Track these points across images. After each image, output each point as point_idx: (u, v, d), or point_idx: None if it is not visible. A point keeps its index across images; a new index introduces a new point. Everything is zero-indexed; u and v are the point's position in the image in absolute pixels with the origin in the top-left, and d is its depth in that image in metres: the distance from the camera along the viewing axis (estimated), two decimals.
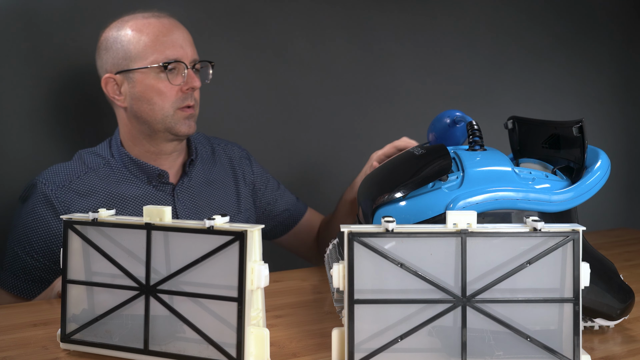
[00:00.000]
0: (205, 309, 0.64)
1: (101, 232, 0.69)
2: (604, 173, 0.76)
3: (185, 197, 1.19)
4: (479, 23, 1.94)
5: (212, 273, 0.64)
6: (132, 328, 0.67)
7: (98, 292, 0.70)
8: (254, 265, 0.63)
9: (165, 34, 1.12)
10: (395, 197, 0.74)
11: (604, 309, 0.74)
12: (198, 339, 0.64)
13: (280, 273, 1.11)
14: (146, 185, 1.15)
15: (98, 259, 0.69)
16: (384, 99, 1.77)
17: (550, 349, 0.61)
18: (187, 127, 1.14)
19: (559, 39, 2.09)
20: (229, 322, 0.63)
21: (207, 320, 0.64)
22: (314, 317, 0.83)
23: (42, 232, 1.09)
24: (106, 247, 0.69)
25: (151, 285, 0.66)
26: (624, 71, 2.24)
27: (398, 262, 0.61)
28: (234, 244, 0.62)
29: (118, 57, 1.12)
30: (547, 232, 0.61)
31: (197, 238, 0.64)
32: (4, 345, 0.73)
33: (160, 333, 0.66)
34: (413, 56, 1.81)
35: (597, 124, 2.18)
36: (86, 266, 0.70)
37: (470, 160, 0.76)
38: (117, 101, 1.15)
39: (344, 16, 1.71)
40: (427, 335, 0.62)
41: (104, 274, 0.69)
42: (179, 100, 1.12)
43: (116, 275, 0.68)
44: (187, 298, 0.65)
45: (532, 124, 0.86)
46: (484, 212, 0.71)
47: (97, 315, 0.69)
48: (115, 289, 0.68)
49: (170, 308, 0.65)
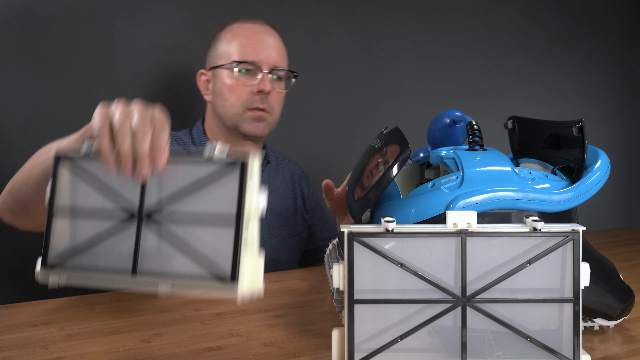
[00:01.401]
0: (202, 229, 0.61)
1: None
2: (604, 173, 0.76)
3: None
4: (479, 23, 1.93)
5: (211, 200, 0.60)
6: (119, 254, 0.63)
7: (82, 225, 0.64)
8: (252, 192, 0.60)
9: (250, 37, 1.21)
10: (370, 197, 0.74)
11: (604, 309, 0.74)
12: (191, 262, 0.60)
13: (280, 273, 1.11)
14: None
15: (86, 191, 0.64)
16: (384, 99, 1.77)
17: (550, 349, 0.61)
18: (254, 128, 1.20)
19: (559, 39, 2.09)
20: (224, 247, 0.59)
21: (201, 242, 0.61)
22: (314, 317, 0.83)
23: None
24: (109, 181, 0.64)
25: (145, 213, 0.62)
26: (624, 71, 2.24)
27: (398, 262, 0.61)
28: (234, 170, 0.59)
29: (212, 55, 1.24)
30: (547, 232, 0.61)
31: (194, 166, 0.61)
32: (4, 345, 0.73)
33: (152, 257, 0.62)
34: (413, 56, 1.81)
35: (597, 124, 2.19)
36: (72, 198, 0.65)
37: (470, 160, 0.76)
38: (204, 95, 1.26)
39: (344, 16, 1.71)
40: (427, 335, 0.62)
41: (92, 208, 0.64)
42: (250, 101, 1.19)
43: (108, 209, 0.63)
44: (181, 222, 0.61)
45: (532, 124, 0.87)
46: (484, 212, 0.71)
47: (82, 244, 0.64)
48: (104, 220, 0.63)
49: (159, 233, 0.61)
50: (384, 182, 0.71)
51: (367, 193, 0.76)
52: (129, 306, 0.89)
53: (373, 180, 0.78)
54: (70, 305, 0.89)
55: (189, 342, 0.74)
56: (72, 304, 0.89)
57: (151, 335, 0.76)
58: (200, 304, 0.90)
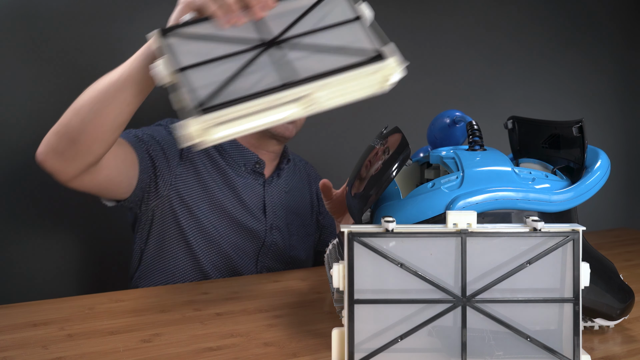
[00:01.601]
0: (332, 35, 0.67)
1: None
2: (604, 173, 0.76)
3: (273, 193, 1.25)
4: (479, 23, 1.93)
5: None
6: (262, 81, 0.64)
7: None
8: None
9: None
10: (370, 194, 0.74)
11: (604, 309, 0.74)
12: (338, 57, 0.67)
13: (280, 273, 1.11)
14: (241, 167, 1.21)
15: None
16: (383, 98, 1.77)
17: (550, 349, 0.61)
18: (283, 128, 1.21)
19: (559, 39, 2.09)
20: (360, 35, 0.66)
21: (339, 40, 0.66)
22: (314, 317, 0.83)
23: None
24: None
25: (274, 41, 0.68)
26: (624, 71, 2.24)
27: (398, 262, 0.61)
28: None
29: None
30: (547, 232, 0.61)
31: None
32: (4, 345, 0.73)
33: (298, 66, 0.67)
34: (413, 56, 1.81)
35: (597, 124, 2.19)
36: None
37: (470, 160, 0.76)
38: None
39: None
40: (427, 335, 0.62)
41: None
42: None
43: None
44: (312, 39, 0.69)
45: (532, 124, 0.87)
46: (484, 212, 0.71)
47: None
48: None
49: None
50: (383, 178, 0.71)
51: (365, 187, 0.76)
52: (129, 306, 0.89)
53: (372, 169, 0.78)
54: (70, 305, 0.89)
55: (189, 342, 0.74)
56: (72, 304, 0.89)
57: (151, 335, 0.76)
58: (200, 304, 0.90)
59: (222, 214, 1.17)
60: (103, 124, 0.88)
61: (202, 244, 1.15)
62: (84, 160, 0.92)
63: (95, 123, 0.88)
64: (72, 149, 0.90)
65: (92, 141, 0.89)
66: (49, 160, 0.93)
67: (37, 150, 0.93)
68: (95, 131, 0.88)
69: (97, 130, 0.88)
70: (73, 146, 0.90)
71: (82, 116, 0.88)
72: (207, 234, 1.15)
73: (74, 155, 0.91)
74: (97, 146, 0.90)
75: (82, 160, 0.91)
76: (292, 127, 1.22)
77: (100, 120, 0.87)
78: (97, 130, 0.88)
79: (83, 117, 0.88)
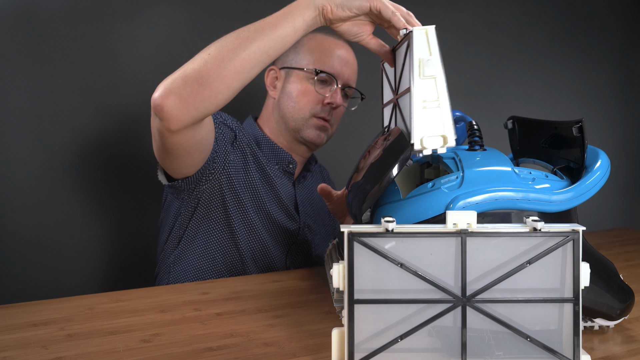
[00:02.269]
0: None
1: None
2: (604, 173, 0.76)
3: (302, 193, 1.28)
4: (478, 23, 1.93)
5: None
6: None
7: None
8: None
9: (332, 49, 1.24)
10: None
11: (604, 309, 0.74)
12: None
13: (280, 273, 1.11)
14: (274, 165, 1.24)
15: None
16: None
17: (550, 349, 0.61)
18: (315, 135, 1.23)
19: (559, 39, 2.09)
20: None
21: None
22: (314, 317, 0.83)
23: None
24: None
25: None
26: (624, 71, 2.24)
27: (398, 262, 0.61)
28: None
29: (290, 55, 1.25)
30: (547, 232, 0.61)
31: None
32: (4, 345, 0.73)
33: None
34: None
35: (597, 123, 2.19)
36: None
37: (470, 160, 0.76)
38: (271, 91, 1.28)
39: None
40: (427, 335, 0.62)
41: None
42: (318, 109, 1.22)
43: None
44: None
45: (532, 124, 0.86)
46: (484, 212, 0.71)
47: None
48: None
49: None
50: (384, 179, 0.71)
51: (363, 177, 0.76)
52: (129, 306, 0.89)
53: (370, 158, 0.78)
54: (70, 305, 0.89)
55: (189, 342, 0.74)
56: (72, 304, 0.89)
57: (151, 335, 0.76)
58: (200, 304, 0.90)
59: (262, 207, 1.19)
60: (241, 71, 0.90)
61: (244, 232, 1.17)
62: (206, 107, 0.92)
63: (234, 69, 0.89)
64: (199, 94, 0.90)
65: (223, 88, 0.90)
66: (169, 104, 0.90)
67: (155, 94, 0.91)
68: (230, 78, 0.89)
69: (232, 78, 0.89)
70: (201, 91, 0.89)
71: (220, 60, 0.89)
72: (250, 223, 1.18)
73: (199, 101, 0.90)
74: (223, 95, 0.91)
75: (204, 107, 0.91)
76: (324, 135, 1.25)
77: (240, 67, 0.89)
78: (232, 78, 0.89)
79: (222, 61, 0.89)
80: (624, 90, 2.25)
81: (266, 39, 0.89)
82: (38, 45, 1.33)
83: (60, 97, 1.36)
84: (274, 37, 0.89)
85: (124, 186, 1.44)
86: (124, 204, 1.44)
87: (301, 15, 0.89)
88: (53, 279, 1.38)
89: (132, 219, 1.46)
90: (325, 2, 0.88)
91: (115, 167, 1.42)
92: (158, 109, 0.91)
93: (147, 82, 1.45)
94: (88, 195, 1.41)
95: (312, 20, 0.89)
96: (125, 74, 1.43)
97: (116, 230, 1.44)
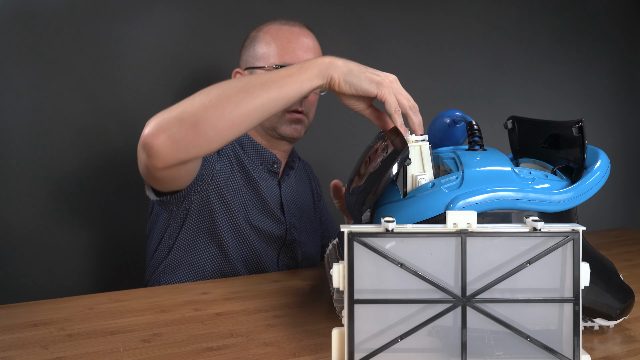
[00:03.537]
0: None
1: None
2: (604, 173, 0.76)
3: (287, 191, 1.27)
4: (479, 23, 1.94)
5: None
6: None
7: None
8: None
9: (290, 40, 1.22)
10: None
11: (604, 309, 0.74)
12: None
13: (280, 273, 1.11)
14: (258, 166, 1.23)
15: None
16: None
17: (550, 349, 0.61)
18: (291, 129, 1.22)
19: (559, 39, 2.09)
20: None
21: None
22: (314, 317, 0.83)
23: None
24: None
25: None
26: (623, 71, 2.24)
27: (398, 262, 0.61)
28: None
29: (249, 55, 1.24)
30: (547, 232, 0.61)
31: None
32: (4, 345, 0.73)
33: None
34: (413, 56, 1.81)
35: (597, 124, 2.19)
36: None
37: (470, 160, 0.76)
38: None
39: (344, 16, 1.71)
40: (427, 335, 0.62)
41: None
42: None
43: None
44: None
45: (532, 124, 0.86)
46: (484, 212, 0.71)
47: None
48: None
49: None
50: (383, 178, 0.71)
51: (364, 183, 0.76)
52: (129, 306, 0.89)
53: (371, 166, 0.78)
54: (70, 305, 0.89)
55: (189, 342, 0.74)
56: (72, 304, 0.89)
57: (151, 335, 0.76)
58: (200, 304, 0.90)
59: (249, 214, 1.19)
60: (239, 124, 0.87)
61: (233, 240, 1.17)
62: (196, 153, 0.90)
63: (232, 122, 0.86)
64: (192, 139, 0.87)
65: (218, 137, 0.87)
66: (159, 144, 0.88)
67: (145, 131, 0.89)
68: (227, 129, 0.87)
69: (230, 129, 0.87)
70: (195, 137, 0.87)
71: (221, 110, 0.86)
72: (240, 230, 1.17)
73: (191, 146, 0.88)
74: (216, 144, 0.89)
75: (194, 152, 0.89)
76: (300, 128, 1.24)
77: (239, 120, 0.86)
78: (230, 129, 0.87)
79: (223, 111, 0.86)
80: (624, 90, 2.25)
81: (270, 97, 0.87)
82: (38, 45, 1.33)
83: (60, 97, 1.36)
84: (278, 96, 0.87)
85: (125, 186, 1.44)
86: (125, 204, 1.45)
87: (309, 81, 0.87)
88: (53, 279, 1.38)
89: (132, 219, 1.46)
90: (335, 73, 0.86)
91: (115, 167, 1.42)
92: (147, 147, 0.89)
93: (147, 82, 1.45)
94: (88, 195, 1.41)
95: (318, 86, 0.87)
96: (125, 74, 1.43)
97: (116, 231, 1.44)
